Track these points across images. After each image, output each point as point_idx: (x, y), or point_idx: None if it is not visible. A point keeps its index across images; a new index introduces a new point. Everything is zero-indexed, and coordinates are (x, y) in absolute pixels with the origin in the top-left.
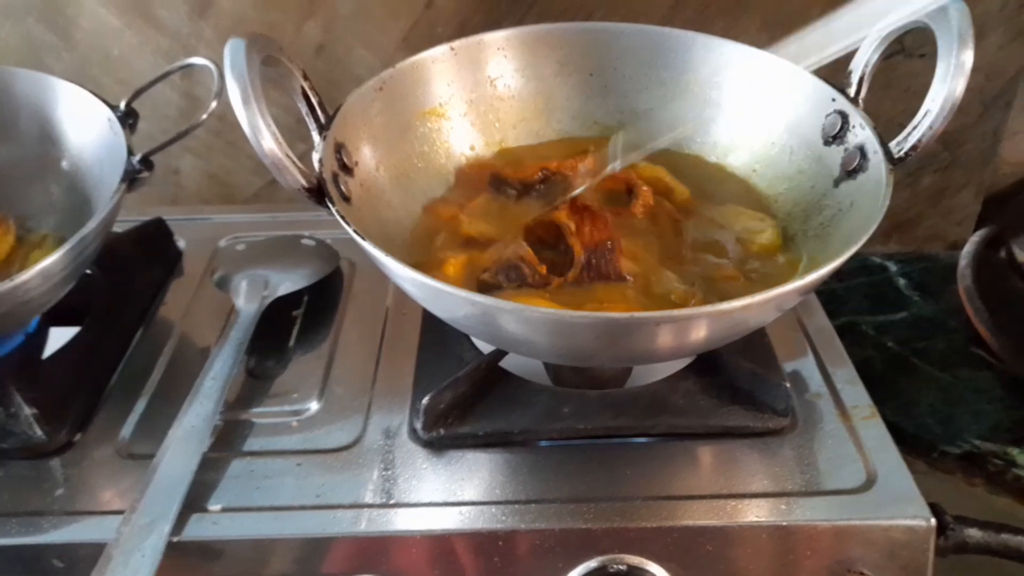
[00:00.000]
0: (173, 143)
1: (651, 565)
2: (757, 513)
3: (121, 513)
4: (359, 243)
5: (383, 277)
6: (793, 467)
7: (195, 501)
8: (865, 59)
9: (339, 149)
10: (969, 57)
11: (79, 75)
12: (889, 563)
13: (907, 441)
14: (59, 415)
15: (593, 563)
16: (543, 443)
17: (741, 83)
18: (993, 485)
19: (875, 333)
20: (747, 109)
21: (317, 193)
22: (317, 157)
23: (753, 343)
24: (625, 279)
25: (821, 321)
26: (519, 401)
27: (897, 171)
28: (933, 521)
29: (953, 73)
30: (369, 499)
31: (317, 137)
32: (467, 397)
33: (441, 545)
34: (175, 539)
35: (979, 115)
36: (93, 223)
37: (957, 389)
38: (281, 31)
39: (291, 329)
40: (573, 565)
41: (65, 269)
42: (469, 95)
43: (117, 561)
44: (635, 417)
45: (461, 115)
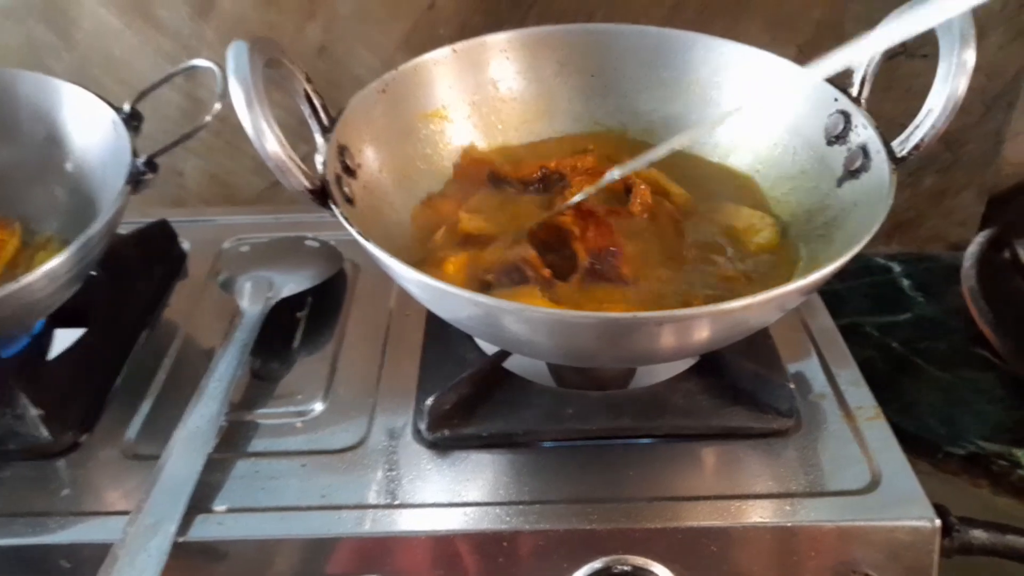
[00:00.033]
0: (177, 145)
1: (655, 566)
2: (761, 514)
3: (127, 514)
4: (363, 245)
5: (386, 278)
6: (797, 468)
7: (200, 502)
8: (867, 58)
9: (342, 151)
10: (971, 56)
11: (80, 76)
12: (893, 564)
13: (910, 442)
14: (64, 416)
15: (597, 564)
16: (547, 444)
17: (743, 83)
18: (997, 486)
19: (878, 334)
20: (749, 109)
21: (320, 195)
22: (320, 159)
23: (757, 344)
24: (628, 283)
25: (825, 322)
26: (523, 402)
27: (899, 171)
28: (938, 522)
29: (955, 72)
30: (373, 500)
31: (320, 139)
32: (471, 398)
33: (445, 546)
34: (181, 539)
35: (981, 115)
36: (98, 225)
37: (960, 390)
38: (282, 32)
39: (295, 331)
40: (577, 566)
41: (70, 271)
42: (471, 97)
43: (123, 561)
44: (638, 418)
45: (464, 117)
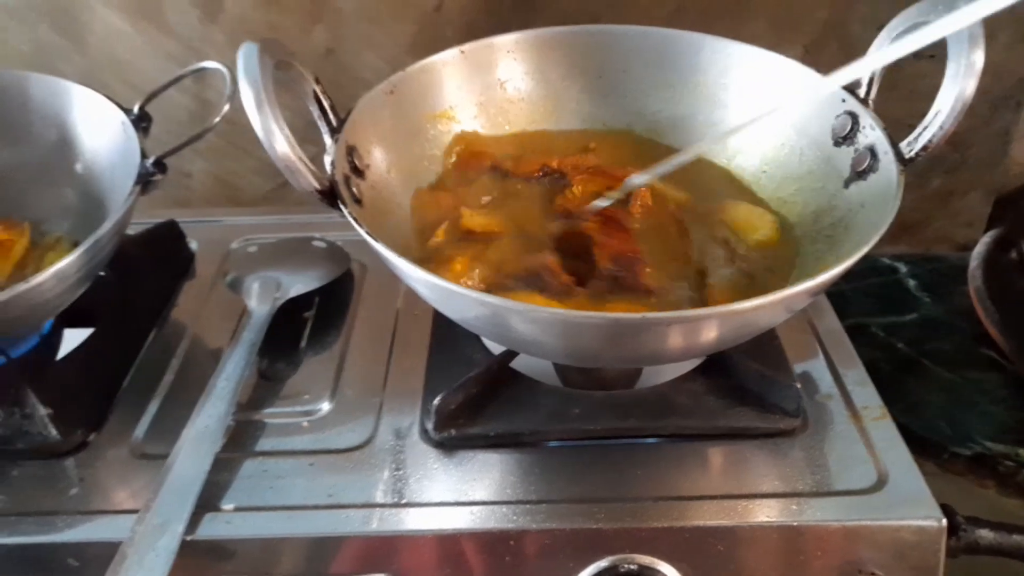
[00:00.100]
0: (186, 146)
1: (662, 565)
2: (768, 513)
3: (135, 512)
4: (371, 245)
5: (394, 279)
6: (804, 468)
7: (208, 501)
8: None
9: (351, 152)
10: (980, 57)
11: (89, 79)
12: (899, 564)
13: (916, 442)
14: (73, 415)
15: (604, 563)
16: (553, 444)
17: (750, 85)
18: (1003, 487)
19: (884, 334)
20: (756, 110)
21: (329, 195)
22: (329, 160)
23: (763, 344)
24: (649, 292)
25: (831, 322)
26: (529, 402)
27: (906, 172)
28: (944, 522)
29: (964, 73)
30: (380, 499)
31: (329, 140)
32: (478, 398)
33: (452, 545)
34: (188, 538)
35: (988, 116)
36: (108, 225)
37: (966, 390)
38: (289, 35)
39: (302, 331)
40: (584, 565)
41: (80, 271)
42: (478, 98)
43: (131, 560)
44: (645, 418)
45: (471, 118)
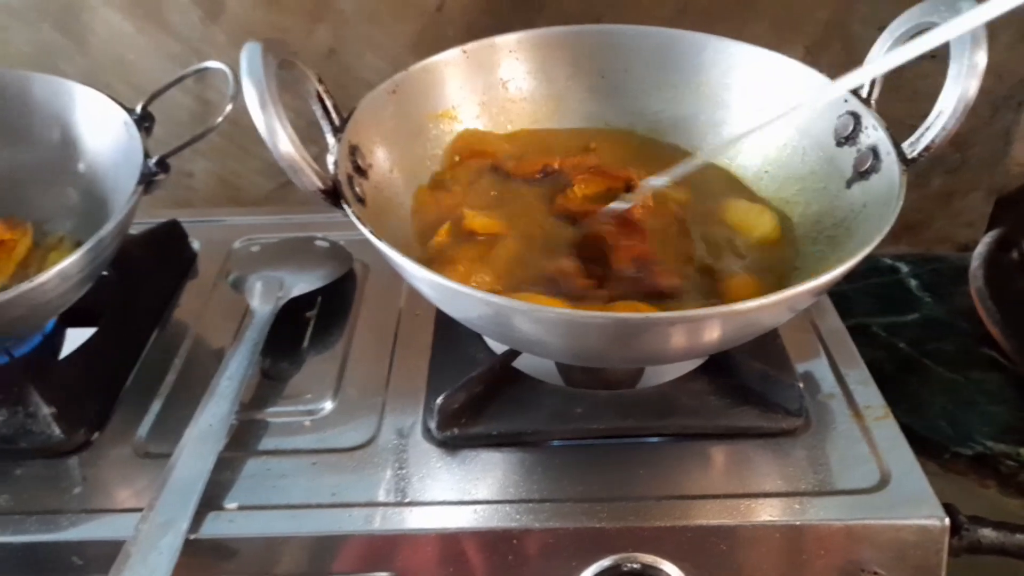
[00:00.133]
0: (189, 145)
1: (665, 564)
2: (771, 512)
3: (138, 511)
4: (375, 244)
5: (396, 278)
6: (806, 467)
7: (211, 500)
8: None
9: (353, 151)
10: (983, 57)
11: (92, 80)
12: (902, 563)
13: (918, 442)
14: (76, 414)
15: (607, 562)
16: (556, 443)
17: (752, 85)
18: (1005, 487)
19: (885, 334)
20: (758, 111)
21: (333, 195)
22: (332, 159)
23: (766, 344)
24: (667, 296)
25: (834, 322)
26: (532, 401)
27: (907, 172)
28: (947, 521)
29: (966, 73)
30: (383, 498)
31: (332, 139)
32: (481, 397)
33: (455, 543)
34: (192, 537)
35: (990, 116)
36: (111, 225)
37: (968, 390)
38: (291, 35)
39: (305, 330)
40: (587, 564)
41: (83, 271)
42: (481, 97)
43: (135, 559)
44: (647, 417)
45: (473, 117)
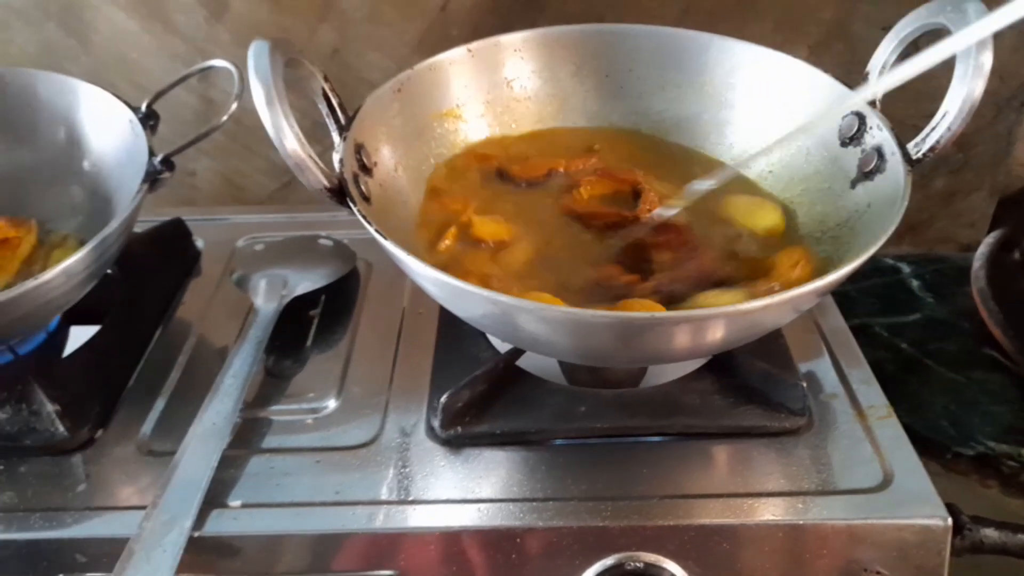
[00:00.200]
0: (194, 144)
1: (668, 563)
2: (773, 512)
3: (142, 509)
4: (380, 243)
5: (400, 277)
6: (809, 466)
7: (215, 497)
8: (882, 60)
9: (359, 150)
10: (988, 58)
11: (95, 79)
12: (904, 563)
13: (920, 442)
14: (80, 412)
15: (610, 560)
16: (559, 442)
17: (757, 84)
18: (1007, 487)
19: (888, 335)
20: (763, 111)
21: (338, 193)
22: (338, 158)
23: (769, 344)
24: (720, 282)
25: (836, 322)
26: (535, 400)
27: (912, 172)
28: (950, 521)
29: (972, 74)
30: (387, 496)
31: (337, 138)
32: (484, 396)
33: (458, 542)
34: (195, 535)
35: (992, 117)
36: (116, 223)
37: (970, 391)
38: (295, 35)
39: (309, 329)
40: (590, 562)
41: (88, 268)
42: (486, 96)
43: (139, 556)
44: (650, 417)
45: (478, 116)
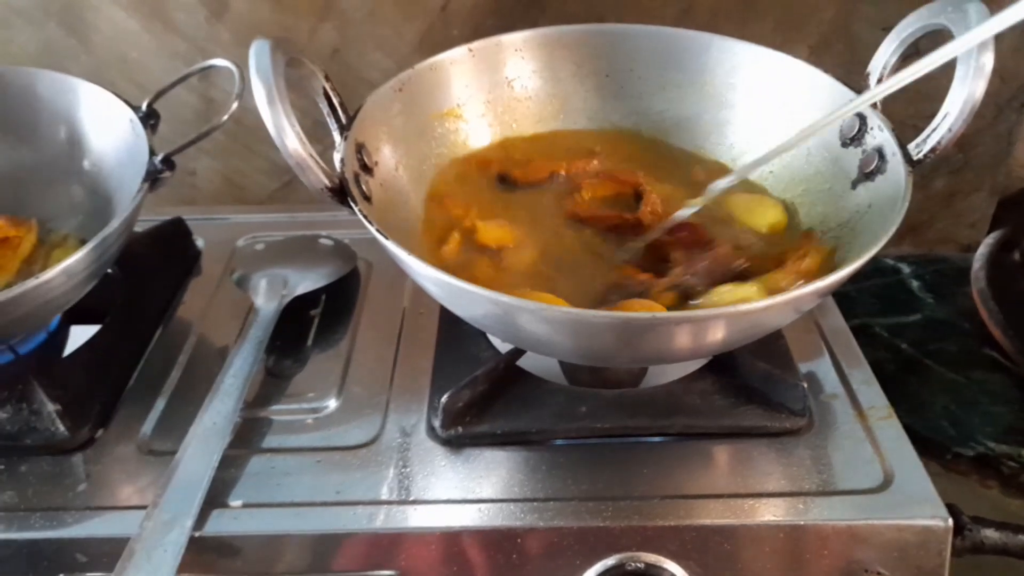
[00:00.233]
0: (195, 143)
1: (668, 563)
2: (774, 512)
3: (142, 509)
4: (381, 242)
5: (400, 276)
6: (810, 467)
7: (216, 497)
8: (883, 61)
9: (359, 149)
10: (989, 59)
11: (96, 78)
12: (905, 563)
13: (920, 443)
14: (81, 411)
15: (611, 561)
16: (560, 442)
17: (757, 85)
18: (1007, 487)
19: (888, 335)
20: (763, 111)
21: (339, 193)
22: (339, 157)
23: (769, 344)
24: (741, 275)
25: (837, 322)
26: (536, 400)
27: (913, 173)
28: (950, 521)
29: (973, 75)
30: (387, 496)
31: (338, 137)
32: (485, 396)
33: (459, 542)
34: (196, 534)
35: (993, 118)
36: (116, 222)
37: (970, 391)
38: (295, 35)
39: (309, 328)
40: (591, 563)
41: (88, 268)
42: (486, 96)
43: (140, 556)
44: (651, 417)
45: (478, 116)
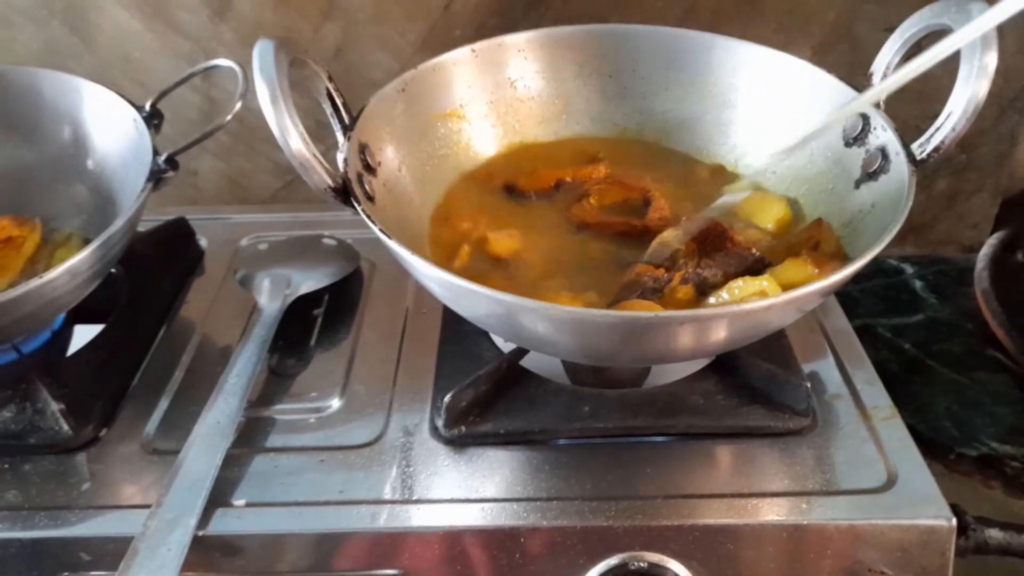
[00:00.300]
0: (198, 143)
1: (671, 563)
2: (777, 512)
3: (146, 508)
4: (385, 242)
5: (403, 276)
6: (813, 467)
7: (219, 496)
8: (886, 61)
9: (363, 149)
10: (993, 59)
11: (99, 78)
12: (908, 563)
13: (923, 443)
14: (85, 411)
15: (614, 560)
16: (563, 441)
17: (760, 85)
18: (1010, 488)
19: (891, 335)
20: (766, 111)
21: (342, 193)
22: (342, 157)
23: (772, 344)
24: (764, 264)
25: (840, 322)
26: (539, 400)
27: (916, 173)
28: (954, 521)
29: (976, 75)
30: (390, 495)
31: (341, 137)
32: (488, 395)
33: (462, 541)
34: (199, 533)
35: (996, 118)
36: (120, 222)
37: (973, 391)
38: (298, 35)
39: (312, 328)
40: (594, 562)
41: (92, 267)
42: (489, 96)
43: (144, 555)
44: (654, 416)
45: (481, 116)
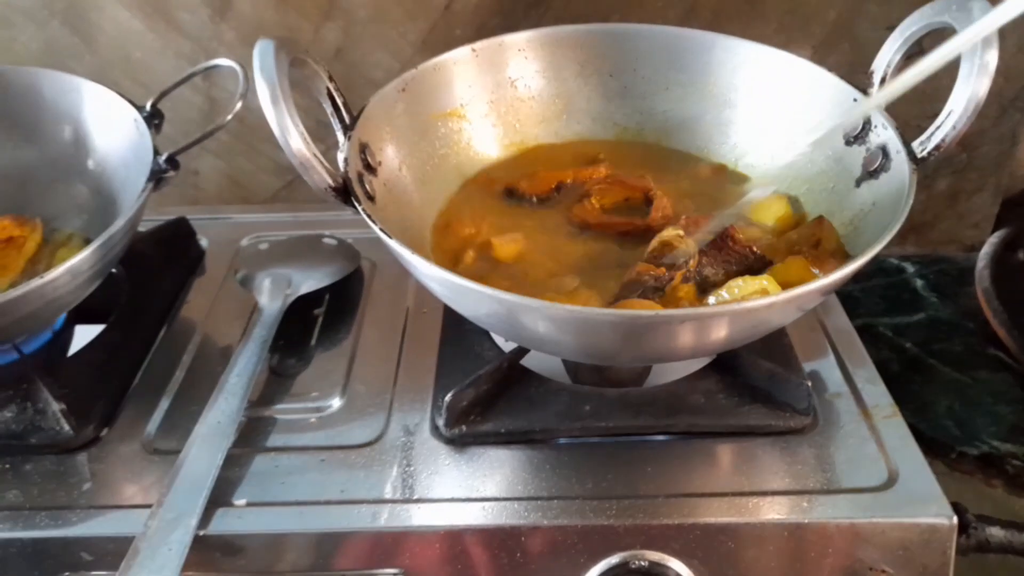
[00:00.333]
0: (199, 143)
1: (672, 561)
2: (778, 511)
3: (147, 507)
4: (385, 242)
5: (404, 276)
6: (814, 465)
7: (220, 496)
8: (887, 59)
9: (363, 149)
10: (993, 57)
11: (100, 78)
12: (910, 562)
13: (924, 442)
14: (85, 410)
15: (615, 559)
16: (563, 441)
17: (761, 84)
18: (1012, 486)
19: (892, 335)
20: (767, 110)
21: (343, 192)
22: (342, 157)
23: (773, 343)
24: (767, 262)
25: (841, 321)
26: (540, 399)
27: (917, 171)
28: (955, 520)
29: (977, 73)
30: (391, 495)
31: (342, 137)
32: (488, 394)
33: (463, 540)
34: (200, 533)
35: (996, 117)
36: (121, 221)
37: (975, 391)
38: (299, 34)
39: (313, 328)
40: (595, 561)
41: (93, 267)
42: (490, 96)
43: (144, 554)
44: (655, 416)
45: (482, 116)
